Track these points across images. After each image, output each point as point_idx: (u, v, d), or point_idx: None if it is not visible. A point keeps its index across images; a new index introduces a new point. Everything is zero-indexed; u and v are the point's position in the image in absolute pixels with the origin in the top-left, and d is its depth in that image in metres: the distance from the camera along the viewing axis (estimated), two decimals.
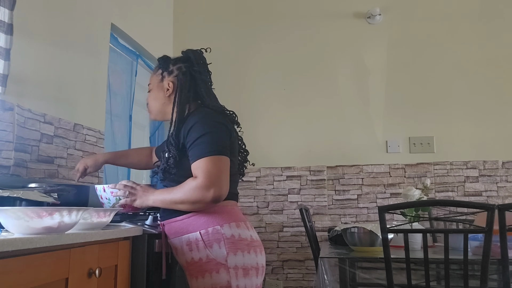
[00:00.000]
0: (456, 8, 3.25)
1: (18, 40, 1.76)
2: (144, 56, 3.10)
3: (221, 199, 1.33)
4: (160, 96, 1.55)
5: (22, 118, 1.79)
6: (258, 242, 1.43)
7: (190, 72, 1.51)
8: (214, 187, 1.30)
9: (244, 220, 1.43)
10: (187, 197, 1.33)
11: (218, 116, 1.45)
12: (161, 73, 1.55)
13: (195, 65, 1.51)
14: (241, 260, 1.33)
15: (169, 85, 1.52)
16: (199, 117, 1.40)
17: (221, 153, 1.35)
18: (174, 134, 1.42)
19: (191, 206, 1.34)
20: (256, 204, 3.26)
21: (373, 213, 3.13)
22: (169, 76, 1.53)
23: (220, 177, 1.32)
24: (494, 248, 1.64)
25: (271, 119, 3.32)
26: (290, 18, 3.43)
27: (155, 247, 1.47)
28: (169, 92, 1.52)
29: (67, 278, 1.07)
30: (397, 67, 3.26)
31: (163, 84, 1.54)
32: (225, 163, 1.36)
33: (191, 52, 1.54)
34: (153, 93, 1.58)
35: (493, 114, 3.11)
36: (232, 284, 1.30)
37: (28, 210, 0.97)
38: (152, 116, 1.62)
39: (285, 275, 3.17)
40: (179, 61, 1.54)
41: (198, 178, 1.31)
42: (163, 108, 1.55)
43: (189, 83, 1.50)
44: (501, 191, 3.05)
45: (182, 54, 1.57)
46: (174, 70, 1.53)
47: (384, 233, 1.69)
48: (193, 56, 1.53)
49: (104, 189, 1.55)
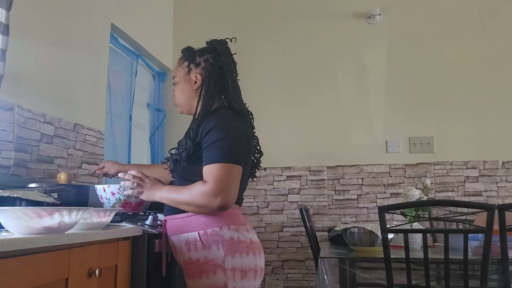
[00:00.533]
0: (456, 8, 3.25)
1: (18, 40, 1.76)
2: (144, 56, 3.10)
3: (227, 207, 1.31)
4: (187, 89, 1.51)
5: (22, 118, 1.79)
6: (258, 244, 1.42)
7: (218, 64, 1.47)
8: (221, 195, 1.28)
9: (244, 224, 1.42)
10: (193, 200, 1.32)
11: (239, 121, 1.42)
12: (188, 65, 1.51)
13: (222, 56, 1.48)
14: (239, 262, 1.32)
15: (197, 78, 1.48)
16: (220, 119, 1.37)
17: (234, 161, 1.32)
18: (195, 128, 1.39)
19: (196, 210, 1.34)
20: (256, 204, 3.26)
21: (373, 213, 3.13)
22: (196, 68, 1.49)
23: (229, 186, 1.30)
24: (494, 248, 1.64)
25: (271, 119, 3.32)
26: (290, 18, 3.43)
27: (155, 247, 1.47)
28: (197, 85, 1.48)
29: (67, 278, 1.07)
30: (397, 67, 3.25)
31: (190, 76, 1.50)
32: (237, 172, 1.33)
33: (217, 43, 1.50)
34: (180, 86, 1.53)
35: (493, 114, 3.11)
36: (229, 286, 1.30)
37: (28, 210, 0.97)
38: (179, 109, 1.57)
39: (285, 275, 3.17)
40: (205, 52, 1.50)
41: (207, 184, 1.30)
42: (190, 101, 1.51)
43: (217, 75, 1.46)
44: (501, 191, 3.05)
45: (206, 44, 1.52)
46: (201, 62, 1.49)
47: (384, 233, 1.69)
48: (219, 47, 1.49)
49: (104, 189, 1.55)
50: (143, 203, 1.61)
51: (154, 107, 3.33)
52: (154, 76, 3.42)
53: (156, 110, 3.34)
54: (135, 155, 2.95)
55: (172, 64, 3.48)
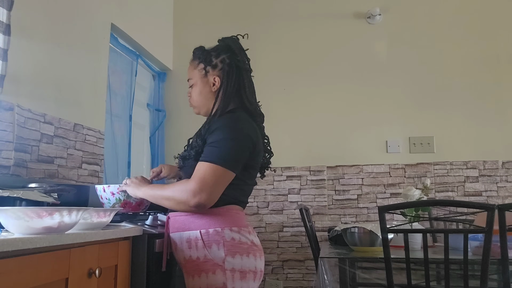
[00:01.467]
0: (456, 8, 3.25)
1: (18, 40, 1.76)
2: (144, 56, 3.10)
3: (204, 208, 1.31)
4: (205, 91, 1.48)
5: (22, 118, 1.79)
6: (259, 247, 1.41)
7: (235, 63, 1.46)
8: (201, 194, 1.28)
9: (247, 226, 1.42)
10: (174, 195, 1.33)
11: (248, 124, 1.41)
12: (204, 67, 1.48)
13: (238, 55, 1.47)
14: (239, 263, 1.32)
15: (215, 80, 1.47)
16: (228, 121, 1.37)
17: (227, 166, 1.31)
18: (206, 127, 1.39)
19: (175, 205, 1.34)
20: (256, 204, 3.26)
21: (373, 213, 3.12)
22: (214, 70, 1.47)
23: (211, 187, 1.28)
24: (494, 248, 1.64)
25: (271, 119, 3.28)
26: (290, 18, 3.43)
27: (155, 247, 1.47)
28: (216, 87, 1.46)
29: (67, 278, 1.07)
30: (397, 67, 3.25)
31: (207, 79, 1.48)
32: (225, 176, 1.32)
33: (231, 41, 1.49)
34: (197, 88, 1.50)
35: (493, 114, 3.11)
36: (228, 286, 1.30)
37: (28, 210, 0.97)
38: (196, 110, 1.55)
39: (285, 275, 3.17)
40: (221, 53, 1.48)
41: (190, 181, 1.30)
42: (208, 103, 1.49)
43: (235, 76, 1.45)
44: (501, 191, 3.05)
45: (218, 43, 1.51)
46: (218, 64, 1.47)
47: (384, 233, 1.69)
48: (233, 45, 1.47)
49: (104, 189, 1.55)
50: (143, 203, 1.61)
51: (154, 107, 3.33)
52: (154, 76, 3.42)
53: (156, 110, 3.34)
54: (135, 155, 2.95)
55: (172, 64, 3.48)
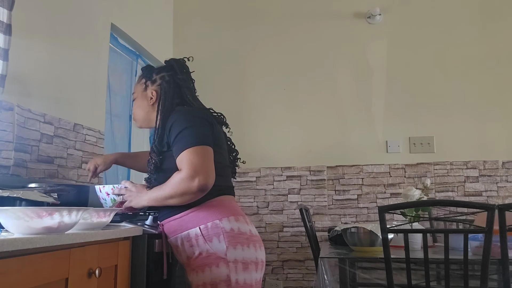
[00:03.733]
0: (456, 8, 3.25)
1: (19, 40, 1.76)
2: (144, 56, 3.10)
3: (207, 187, 1.33)
4: (144, 105, 1.59)
5: (22, 118, 1.79)
6: (257, 237, 1.44)
7: (174, 80, 1.55)
8: (198, 176, 1.30)
9: (243, 215, 1.45)
10: (174, 190, 1.33)
11: (198, 112, 1.47)
12: (145, 82, 1.59)
13: (179, 74, 1.56)
14: (240, 254, 1.34)
15: (152, 94, 1.57)
16: (178, 114, 1.43)
17: (203, 143, 1.36)
18: (157, 141, 1.45)
19: (180, 199, 1.35)
20: (256, 204, 3.26)
21: (373, 213, 3.12)
22: (152, 85, 1.57)
23: (204, 166, 1.32)
24: (494, 248, 1.64)
25: (271, 119, 3.32)
26: (290, 18, 3.43)
27: (155, 247, 1.47)
28: (153, 100, 1.56)
29: (67, 278, 1.07)
30: (397, 67, 3.25)
31: (146, 93, 1.58)
32: (208, 152, 1.36)
33: (174, 61, 1.59)
34: (137, 102, 1.62)
35: (493, 114, 3.11)
36: (232, 278, 1.31)
37: (28, 210, 0.97)
38: (138, 124, 1.66)
39: (285, 275, 3.17)
40: (162, 70, 1.58)
41: (182, 170, 1.33)
42: (147, 116, 1.59)
43: (173, 91, 1.53)
44: (501, 191, 3.05)
45: (165, 63, 1.61)
46: (157, 79, 1.57)
47: (384, 233, 1.69)
48: (176, 65, 1.57)
49: (100, 189, 1.55)
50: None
51: None
52: None
53: None
54: None
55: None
